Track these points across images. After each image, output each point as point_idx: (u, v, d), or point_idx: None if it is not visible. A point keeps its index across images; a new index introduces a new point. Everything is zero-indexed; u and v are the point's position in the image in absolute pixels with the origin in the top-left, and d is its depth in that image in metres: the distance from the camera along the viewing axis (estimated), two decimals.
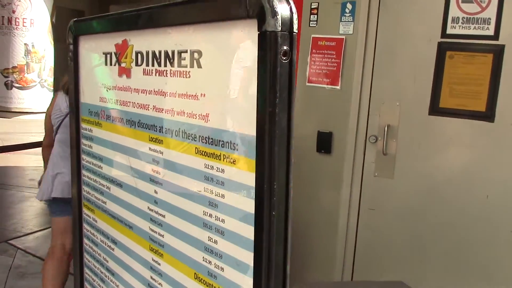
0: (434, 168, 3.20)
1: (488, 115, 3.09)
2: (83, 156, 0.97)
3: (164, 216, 0.74)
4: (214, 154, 0.63)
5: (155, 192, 0.76)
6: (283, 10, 0.51)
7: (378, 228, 3.15)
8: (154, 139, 0.75)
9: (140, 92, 0.77)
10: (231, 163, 0.60)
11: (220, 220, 0.63)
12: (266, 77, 0.52)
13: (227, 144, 0.60)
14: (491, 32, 3.11)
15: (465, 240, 3.05)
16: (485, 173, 3.01)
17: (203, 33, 0.63)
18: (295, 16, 0.51)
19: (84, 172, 0.98)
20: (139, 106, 0.78)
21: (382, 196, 3.28)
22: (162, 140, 0.73)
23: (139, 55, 0.76)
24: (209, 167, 0.64)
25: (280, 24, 0.50)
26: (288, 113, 0.51)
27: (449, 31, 3.19)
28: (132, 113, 0.80)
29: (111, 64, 0.84)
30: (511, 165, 2.95)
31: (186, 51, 0.66)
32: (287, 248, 0.53)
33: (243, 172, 0.58)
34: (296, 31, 0.51)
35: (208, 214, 0.64)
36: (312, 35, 3.39)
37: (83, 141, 0.97)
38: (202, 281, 0.67)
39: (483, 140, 3.06)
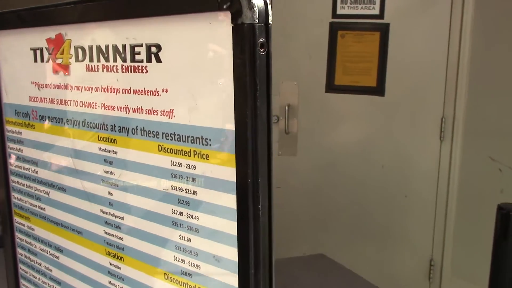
0: (333, 143, 3.35)
1: (378, 90, 3.29)
2: (11, 161, 0.90)
3: (122, 218, 0.71)
4: (182, 150, 0.61)
5: (110, 193, 0.72)
6: (259, 1, 0.50)
7: (285, 205, 3.25)
8: (104, 139, 0.71)
9: (83, 89, 0.73)
10: (203, 158, 0.59)
11: (193, 217, 0.61)
12: (244, 71, 0.51)
13: (197, 139, 0.59)
14: (376, 11, 3.29)
15: (366, 207, 3.25)
16: (380, 145, 3.21)
17: (161, 26, 0.60)
18: (269, 8, 0.51)
19: (13, 177, 0.91)
20: (82, 104, 0.73)
21: (287, 174, 3.39)
22: (115, 139, 0.70)
23: (79, 50, 0.72)
24: (177, 164, 0.62)
25: (258, 16, 0.49)
26: (267, 105, 0.51)
27: (339, 11, 3.34)
28: (74, 112, 0.75)
29: (42, 61, 0.78)
30: (402, 136, 3.17)
31: (141, 45, 0.63)
32: (272, 240, 0.53)
33: (220, 167, 0.57)
34: (271, 23, 0.51)
35: (178, 212, 0.63)
36: None
37: (10, 144, 0.89)
38: (174, 280, 0.65)
39: (376, 113, 3.25)
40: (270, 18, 0.52)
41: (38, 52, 0.79)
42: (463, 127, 2.95)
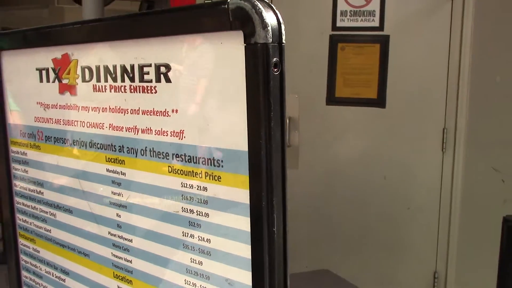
0: (334, 155, 3.34)
1: (379, 101, 3.28)
2: (15, 182, 0.89)
3: (131, 241, 0.70)
4: (193, 172, 0.60)
5: (118, 215, 0.71)
6: (272, 20, 0.49)
7: (288, 217, 3.21)
8: (113, 160, 0.70)
9: (90, 110, 0.72)
10: (216, 180, 0.57)
11: (205, 240, 0.60)
12: (258, 91, 0.50)
13: (208, 161, 0.58)
14: (376, 23, 3.29)
15: (369, 219, 3.23)
16: (381, 156, 3.20)
17: (170, 46, 0.59)
18: (283, 27, 0.50)
19: (17, 199, 0.89)
20: (90, 125, 0.72)
21: (288, 187, 3.35)
22: (123, 161, 0.68)
23: (86, 70, 0.71)
24: (188, 186, 0.61)
25: (271, 36, 0.48)
26: (281, 125, 0.50)
27: (339, 24, 3.34)
28: (80, 133, 0.74)
29: (48, 81, 0.78)
30: (403, 146, 3.16)
31: (150, 65, 0.62)
32: (287, 263, 0.52)
33: (232, 189, 0.56)
34: (285, 42, 0.50)
35: (190, 235, 0.61)
36: None
37: (15, 165, 0.88)
38: None
39: (377, 125, 3.24)
40: (284, 37, 0.51)
41: (44, 72, 0.78)
42: (465, 138, 2.94)
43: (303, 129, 3.33)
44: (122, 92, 0.66)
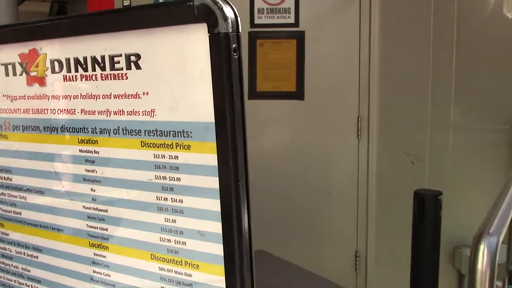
0: (258, 147, 3.49)
1: (298, 94, 3.47)
2: None
3: (106, 211, 0.79)
4: (164, 144, 0.71)
5: (92, 190, 0.80)
6: (230, 13, 0.61)
7: None
8: (85, 141, 0.79)
9: (61, 98, 0.80)
10: (186, 149, 0.69)
11: (178, 201, 0.71)
12: (222, 72, 0.62)
13: (179, 133, 0.69)
14: (292, 20, 3.48)
15: (294, 205, 3.40)
16: (303, 146, 3.39)
17: (140, 38, 0.69)
18: (239, 19, 0.62)
19: None
20: (60, 111, 0.81)
21: None
22: (96, 140, 0.78)
23: (55, 62, 0.79)
24: (160, 156, 0.71)
25: (231, 26, 0.60)
26: (241, 98, 0.62)
27: (257, 21, 3.50)
28: (51, 119, 0.82)
29: (14, 75, 0.85)
30: (322, 136, 3.36)
31: (120, 55, 0.72)
32: (250, 214, 0.64)
33: (201, 155, 0.67)
34: (241, 31, 0.62)
35: (163, 198, 0.72)
36: None
37: None
38: (161, 259, 0.74)
39: (297, 117, 3.43)
40: (240, 27, 0.63)
41: (10, 66, 0.85)
42: (377, 125, 3.17)
43: None
44: (94, 80, 0.76)
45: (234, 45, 0.62)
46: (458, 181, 3.12)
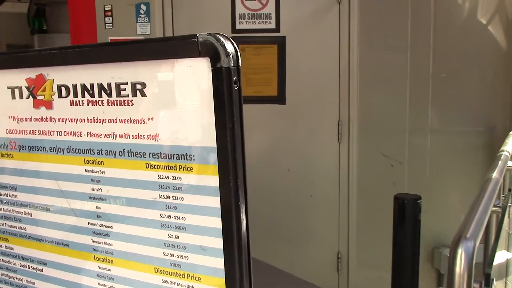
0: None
1: (280, 98, 3.54)
2: None
3: (111, 227, 0.84)
4: (168, 166, 0.76)
5: (97, 207, 0.85)
6: (231, 49, 0.67)
7: None
8: (91, 161, 0.84)
9: (67, 121, 0.85)
10: (188, 170, 0.74)
11: (181, 218, 0.77)
12: (223, 102, 0.68)
13: (182, 156, 0.74)
14: (273, 25, 3.55)
15: (277, 208, 3.45)
16: (284, 150, 3.45)
17: (145, 68, 0.75)
18: (239, 54, 0.68)
19: None
20: (67, 133, 0.85)
21: None
22: (102, 161, 0.83)
23: (62, 88, 0.84)
24: (164, 177, 0.77)
25: (232, 61, 0.66)
26: (241, 126, 0.68)
27: (238, 26, 3.56)
28: (57, 140, 0.87)
29: (21, 98, 0.89)
30: (304, 140, 3.43)
31: (126, 83, 0.77)
32: (248, 230, 0.70)
33: (203, 176, 0.73)
34: (241, 65, 0.68)
35: (167, 216, 0.78)
36: (110, 37, 3.46)
37: None
38: (164, 272, 0.80)
39: (279, 121, 3.49)
40: (240, 61, 0.69)
41: (16, 90, 0.90)
42: (357, 128, 3.25)
43: None
44: (100, 105, 0.81)
45: (235, 78, 0.68)
46: (436, 183, 3.21)
